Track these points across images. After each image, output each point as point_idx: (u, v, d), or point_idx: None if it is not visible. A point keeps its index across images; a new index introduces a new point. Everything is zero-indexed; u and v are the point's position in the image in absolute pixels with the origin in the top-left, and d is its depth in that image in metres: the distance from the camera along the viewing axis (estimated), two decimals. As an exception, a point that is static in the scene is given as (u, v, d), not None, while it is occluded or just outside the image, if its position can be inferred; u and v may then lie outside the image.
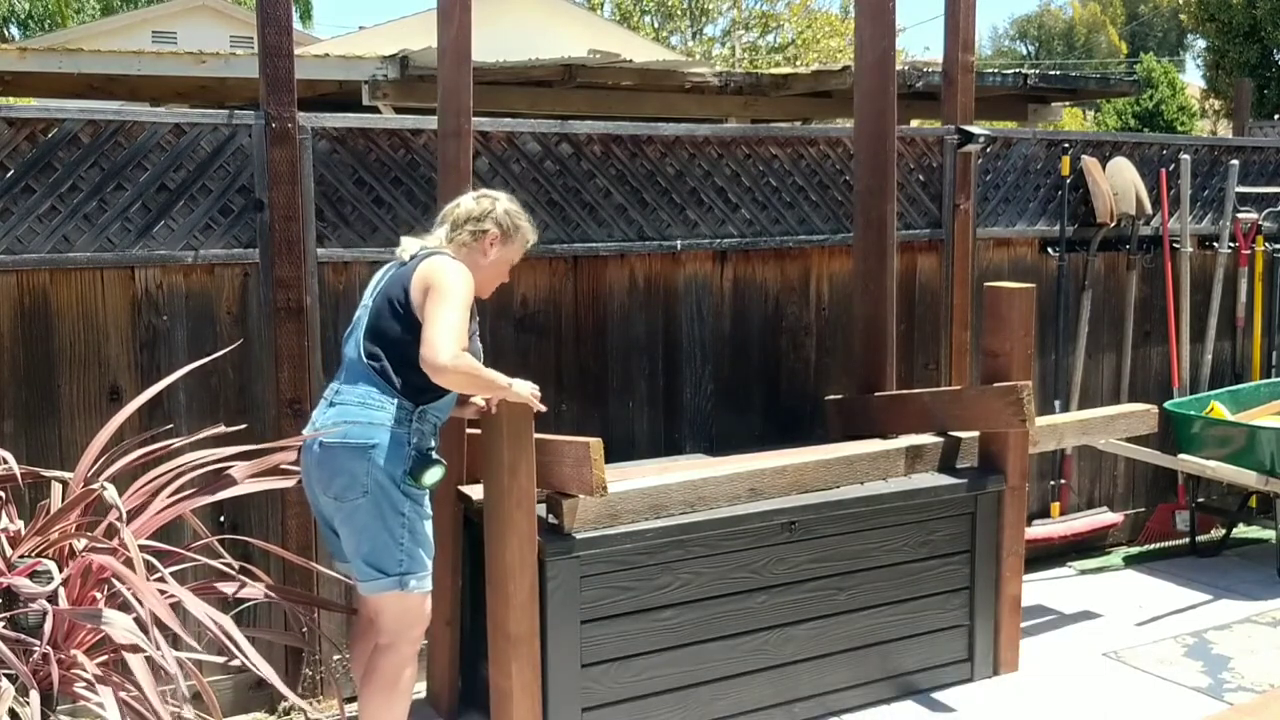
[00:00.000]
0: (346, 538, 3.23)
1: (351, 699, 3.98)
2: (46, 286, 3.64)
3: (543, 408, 3.39)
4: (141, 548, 2.53)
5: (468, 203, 3.44)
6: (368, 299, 3.35)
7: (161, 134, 3.72)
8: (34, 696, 2.26)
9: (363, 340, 3.25)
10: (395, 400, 3.19)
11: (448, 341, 3.06)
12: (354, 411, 3.18)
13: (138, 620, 2.38)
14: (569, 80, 6.48)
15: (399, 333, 3.20)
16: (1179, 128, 21.11)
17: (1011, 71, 7.26)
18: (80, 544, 2.66)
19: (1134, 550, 5.81)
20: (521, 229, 3.47)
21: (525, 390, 3.32)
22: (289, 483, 3.30)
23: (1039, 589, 5.18)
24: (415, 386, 3.19)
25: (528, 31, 13.27)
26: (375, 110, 6.22)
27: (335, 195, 3.98)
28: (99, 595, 2.63)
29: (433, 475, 3.21)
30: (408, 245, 3.38)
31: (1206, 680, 4.26)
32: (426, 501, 3.27)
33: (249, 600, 3.15)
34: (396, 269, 3.34)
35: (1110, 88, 9.99)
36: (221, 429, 3.25)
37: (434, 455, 3.24)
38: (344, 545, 3.26)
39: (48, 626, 2.45)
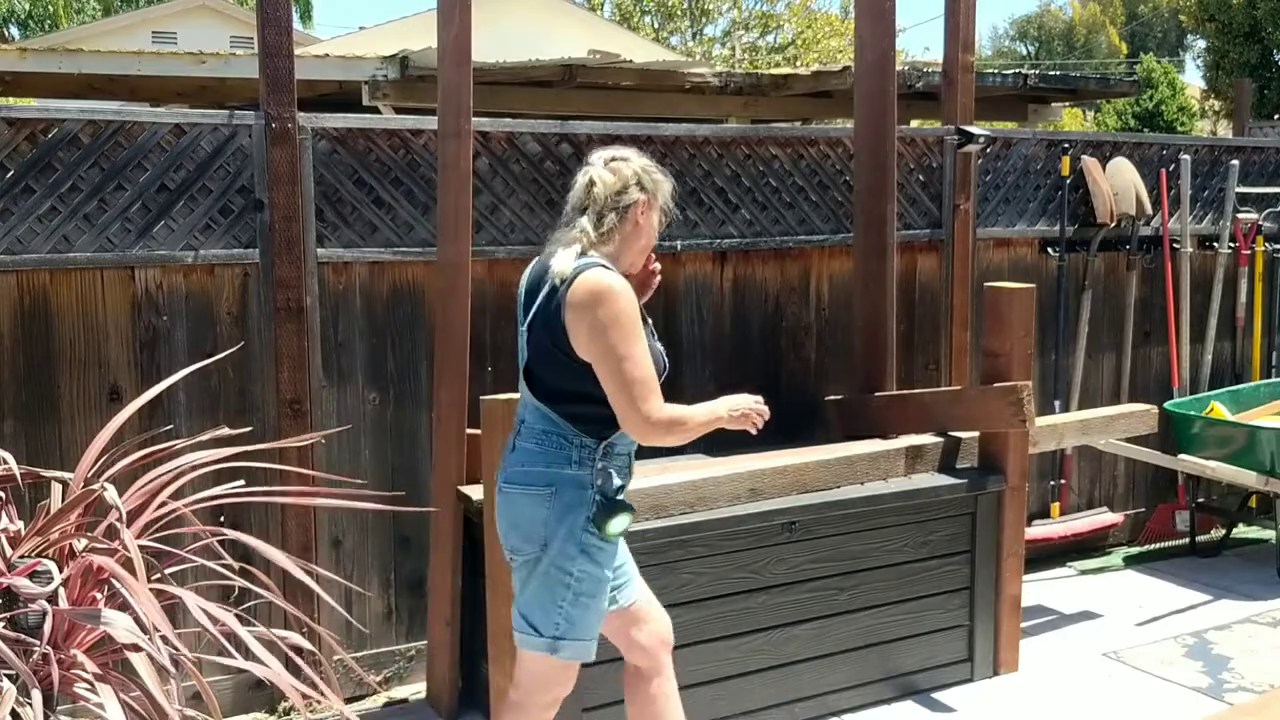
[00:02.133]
0: (515, 582, 2.93)
1: (352, 699, 3.99)
2: (46, 286, 3.64)
3: (765, 414, 2.98)
4: (141, 548, 2.53)
5: (600, 173, 2.87)
6: (524, 320, 2.90)
7: (161, 134, 3.72)
8: (36, 696, 2.26)
9: (532, 371, 2.87)
10: (576, 438, 2.82)
11: (645, 402, 2.72)
12: (532, 453, 2.83)
13: (138, 620, 2.38)
14: (569, 80, 6.48)
15: (566, 365, 2.79)
16: (1179, 128, 21.11)
17: (1011, 72, 7.26)
18: (80, 544, 2.66)
19: (1134, 550, 5.82)
20: (660, 184, 2.94)
21: (745, 404, 2.94)
22: (288, 501, 3.27)
23: (1039, 589, 5.18)
24: (595, 419, 2.80)
25: (528, 32, 13.27)
26: (375, 110, 6.22)
27: (335, 195, 3.98)
28: (99, 595, 2.63)
29: (619, 524, 2.82)
30: (561, 261, 2.78)
31: (1206, 680, 4.26)
32: (609, 558, 2.86)
33: (249, 601, 3.15)
34: (548, 292, 2.80)
35: (1110, 88, 9.99)
36: (222, 430, 3.25)
37: (622, 500, 2.85)
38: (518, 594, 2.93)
39: (48, 626, 2.44)
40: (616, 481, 2.87)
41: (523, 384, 2.91)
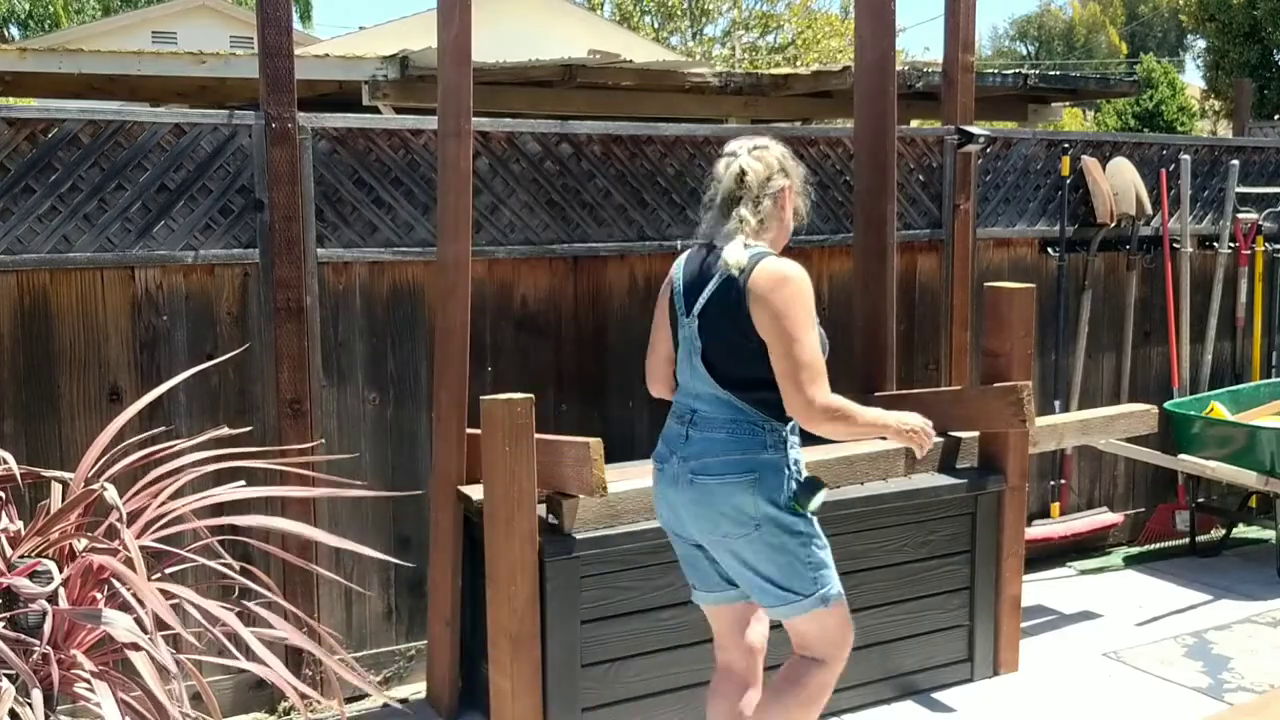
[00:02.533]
0: (741, 569, 2.96)
1: (352, 699, 3.99)
2: (46, 286, 3.64)
3: (934, 438, 3.06)
4: (142, 548, 2.53)
5: (750, 163, 2.94)
6: (688, 313, 2.95)
7: (161, 134, 3.72)
8: (36, 695, 2.26)
9: (710, 362, 2.90)
10: (766, 423, 2.88)
11: (812, 385, 2.78)
12: (723, 443, 2.88)
13: (138, 620, 2.38)
14: (569, 80, 6.48)
15: (753, 354, 2.85)
16: (1179, 128, 21.11)
17: (1011, 72, 7.26)
18: (80, 544, 2.66)
19: (1134, 550, 5.82)
20: (796, 169, 3.06)
21: (916, 423, 3.00)
22: (288, 495, 3.29)
23: (1039, 589, 5.18)
24: (781, 404, 2.86)
25: (528, 31, 13.27)
26: (375, 110, 6.22)
27: (335, 195, 3.98)
28: (99, 595, 2.63)
29: (819, 500, 2.91)
30: (734, 252, 2.86)
31: (1206, 680, 4.26)
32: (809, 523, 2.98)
33: (250, 601, 3.15)
34: (723, 283, 2.87)
35: (1110, 88, 9.99)
36: (222, 430, 3.25)
37: (815, 476, 2.96)
38: (738, 576, 2.99)
39: (48, 626, 2.45)
40: (803, 460, 2.97)
41: (693, 374, 2.95)
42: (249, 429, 3.78)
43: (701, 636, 3.76)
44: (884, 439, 3.12)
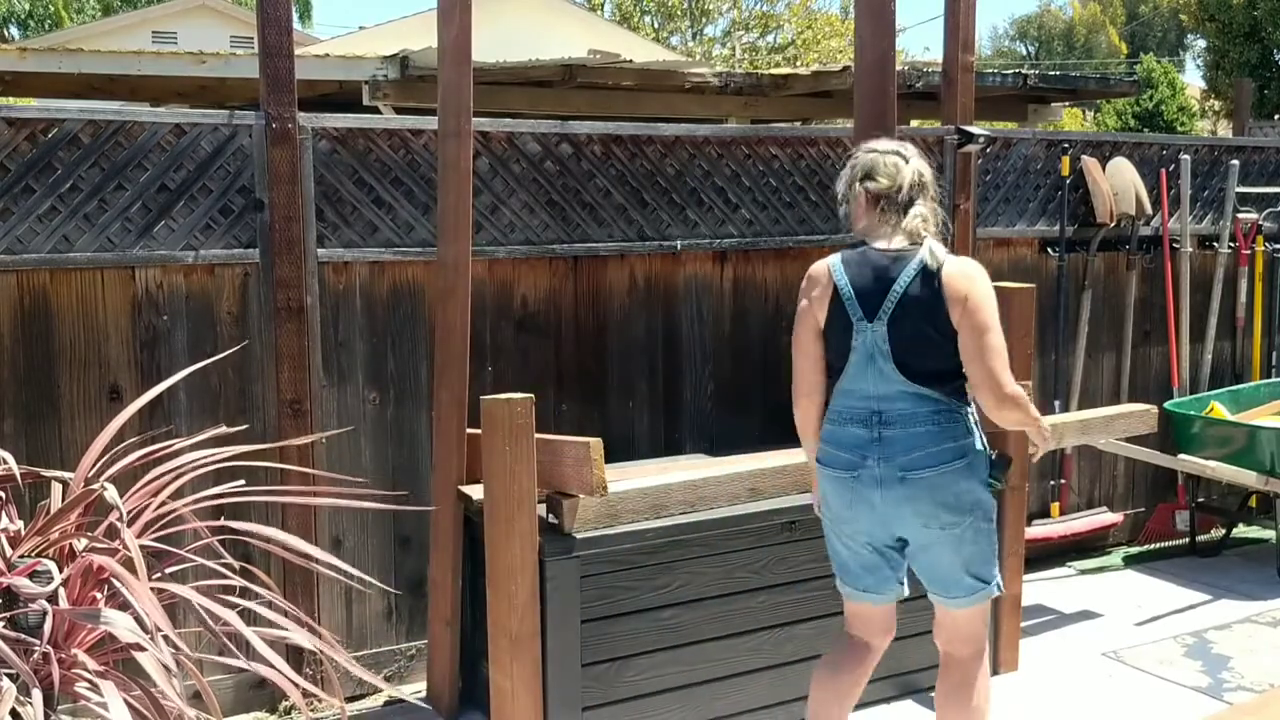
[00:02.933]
0: (940, 560, 3.09)
1: (352, 698, 3.99)
2: (46, 286, 3.64)
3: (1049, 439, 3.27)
4: (142, 548, 2.53)
5: (921, 165, 3.12)
6: (874, 315, 3.01)
7: (162, 134, 3.72)
8: (37, 695, 2.27)
9: (901, 361, 2.99)
10: (961, 409, 3.04)
11: (1006, 372, 2.96)
12: (931, 435, 3.00)
13: (138, 620, 2.38)
14: (569, 80, 6.48)
15: (948, 347, 2.99)
16: (1179, 128, 21.12)
17: (1011, 72, 7.26)
18: (80, 544, 2.66)
19: (1134, 550, 5.82)
20: None
21: (1048, 425, 3.24)
22: (288, 500, 3.28)
23: (1039, 589, 5.18)
24: (965, 392, 3.05)
25: (528, 31, 13.27)
26: (375, 110, 6.22)
27: (335, 195, 3.98)
28: (99, 595, 2.63)
29: (1011, 469, 3.18)
30: (931, 250, 3.01)
31: (1206, 680, 4.27)
32: None
33: (250, 600, 3.15)
34: (919, 280, 2.98)
35: (1110, 88, 9.99)
36: (222, 429, 3.25)
37: (1003, 452, 3.21)
38: (940, 568, 3.11)
39: (48, 626, 2.45)
40: None
41: (878, 377, 3.02)
42: (249, 428, 3.79)
43: (701, 636, 3.76)
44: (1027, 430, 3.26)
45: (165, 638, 2.37)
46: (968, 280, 2.99)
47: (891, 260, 3.02)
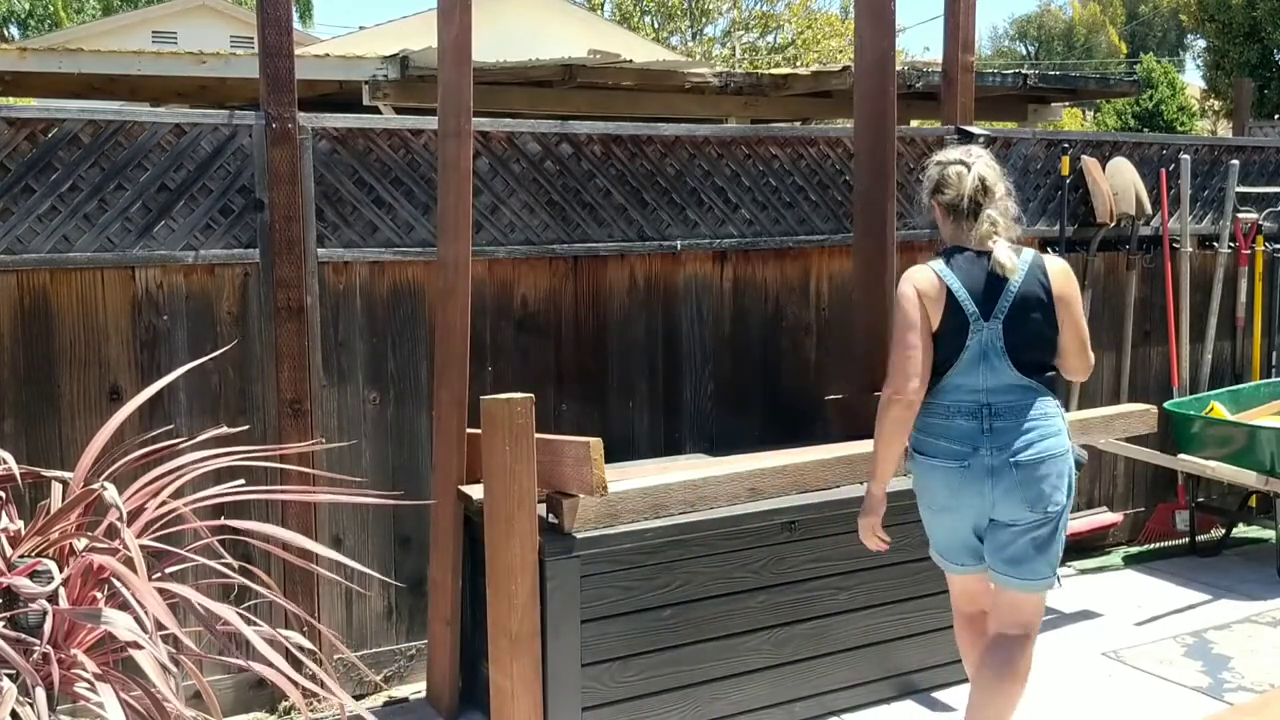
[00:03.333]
0: (1026, 544, 3.22)
1: (354, 698, 3.99)
2: (47, 286, 3.64)
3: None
4: (142, 548, 2.53)
5: (979, 170, 3.27)
6: (990, 314, 3.19)
7: (162, 134, 3.73)
8: (39, 694, 2.26)
9: (1016, 357, 3.19)
10: (1057, 398, 3.30)
11: (1092, 354, 3.33)
12: (1040, 423, 3.22)
13: (138, 619, 2.39)
14: (569, 80, 6.49)
15: (1053, 340, 3.25)
16: (1179, 128, 21.12)
17: (1011, 72, 7.27)
18: (80, 544, 2.66)
19: (1134, 550, 5.82)
20: None
21: None
22: (288, 498, 3.28)
23: (1039, 589, 5.18)
24: (1054, 379, 3.31)
25: (528, 31, 13.27)
26: (375, 110, 6.22)
27: (335, 195, 3.98)
28: (99, 595, 2.63)
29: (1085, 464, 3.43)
30: (1031, 251, 3.28)
31: (1206, 680, 4.27)
32: None
33: (250, 600, 3.15)
34: (1029, 279, 3.20)
35: (1110, 88, 10.00)
36: (222, 429, 3.25)
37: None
38: (1014, 551, 3.24)
39: (48, 626, 2.45)
40: None
41: (990, 372, 3.21)
42: (249, 428, 3.79)
43: (701, 636, 3.76)
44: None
45: (166, 637, 2.37)
46: (1069, 280, 3.26)
47: (990, 263, 3.21)
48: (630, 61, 7.04)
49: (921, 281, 3.23)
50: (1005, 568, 3.26)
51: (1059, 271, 3.25)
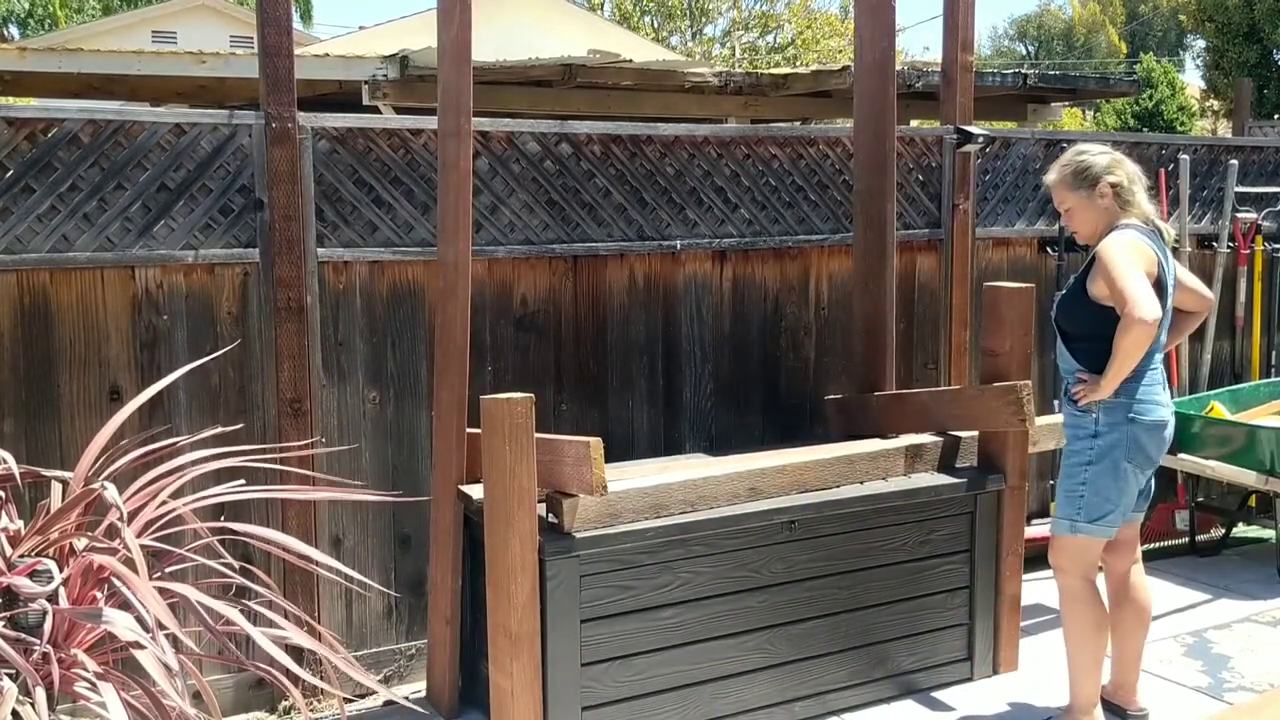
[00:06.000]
0: (1147, 487, 3.77)
1: (358, 697, 3.99)
2: (46, 286, 3.64)
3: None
4: (142, 547, 2.53)
5: (1105, 159, 3.69)
6: (1170, 288, 3.64)
7: (161, 134, 3.73)
8: (40, 694, 2.27)
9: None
10: None
11: None
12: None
13: (139, 619, 2.39)
14: (569, 80, 6.49)
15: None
16: (1179, 128, 21.13)
17: (1011, 71, 7.27)
18: (80, 543, 2.66)
19: (1133, 550, 5.81)
20: None
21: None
22: (288, 497, 3.29)
23: (1039, 588, 5.17)
24: None
25: (528, 31, 13.28)
26: (375, 110, 6.23)
27: (335, 195, 3.98)
28: (99, 595, 2.64)
29: None
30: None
31: (1206, 680, 4.27)
32: None
33: (249, 600, 3.16)
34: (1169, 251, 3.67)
35: (1110, 88, 10.01)
36: (222, 429, 3.25)
37: None
38: (1143, 493, 3.77)
39: (48, 626, 2.45)
40: None
41: (1164, 337, 3.68)
42: (249, 428, 3.79)
43: (701, 635, 3.76)
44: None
45: (167, 636, 2.37)
46: None
47: (1167, 238, 3.69)
48: (630, 61, 7.04)
49: (1145, 248, 3.54)
50: (1141, 502, 3.78)
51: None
